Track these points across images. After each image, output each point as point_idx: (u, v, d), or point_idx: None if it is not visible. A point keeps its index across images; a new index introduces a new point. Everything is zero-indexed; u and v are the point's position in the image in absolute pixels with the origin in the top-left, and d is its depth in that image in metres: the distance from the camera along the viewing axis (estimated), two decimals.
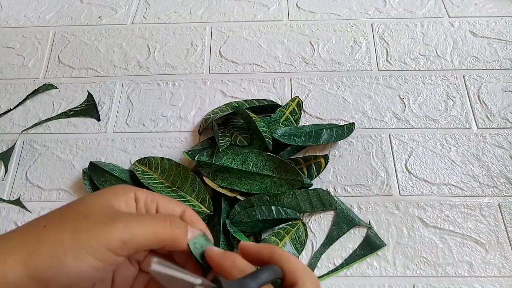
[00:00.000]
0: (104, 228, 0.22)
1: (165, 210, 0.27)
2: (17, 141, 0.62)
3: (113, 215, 0.23)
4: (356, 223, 0.53)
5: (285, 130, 0.58)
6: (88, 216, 0.23)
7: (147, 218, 0.24)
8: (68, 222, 0.23)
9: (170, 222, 0.24)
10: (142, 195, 0.26)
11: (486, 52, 0.67)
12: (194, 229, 0.26)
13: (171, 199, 0.28)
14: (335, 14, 0.73)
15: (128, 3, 0.77)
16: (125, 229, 0.22)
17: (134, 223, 0.23)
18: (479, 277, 0.50)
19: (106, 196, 0.25)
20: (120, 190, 0.26)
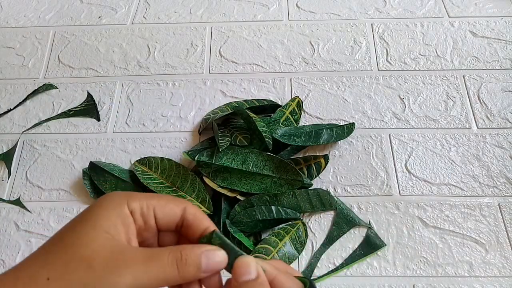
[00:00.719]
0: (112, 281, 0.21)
1: (164, 216, 0.26)
2: (18, 141, 0.62)
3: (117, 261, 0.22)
4: (356, 223, 0.53)
5: (285, 130, 0.58)
6: (92, 264, 0.22)
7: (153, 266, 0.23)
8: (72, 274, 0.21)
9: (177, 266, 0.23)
10: (136, 205, 0.25)
11: (486, 52, 0.67)
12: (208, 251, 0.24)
13: (168, 199, 0.26)
14: (335, 14, 0.73)
15: (128, 3, 0.77)
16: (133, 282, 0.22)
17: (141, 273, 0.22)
18: (479, 277, 0.50)
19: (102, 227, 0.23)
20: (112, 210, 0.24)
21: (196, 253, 0.24)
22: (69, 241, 0.23)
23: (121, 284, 0.21)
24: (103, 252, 0.22)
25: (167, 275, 0.23)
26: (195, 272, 0.23)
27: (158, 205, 0.25)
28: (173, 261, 0.23)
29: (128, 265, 0.22)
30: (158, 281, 0.23)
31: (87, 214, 0.24)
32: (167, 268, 0.23)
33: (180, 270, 0.23)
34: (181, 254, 0.23)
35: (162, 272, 0.23)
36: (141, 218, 0.25)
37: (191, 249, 0.24)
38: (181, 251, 0.24)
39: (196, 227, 0.26)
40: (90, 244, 0.22)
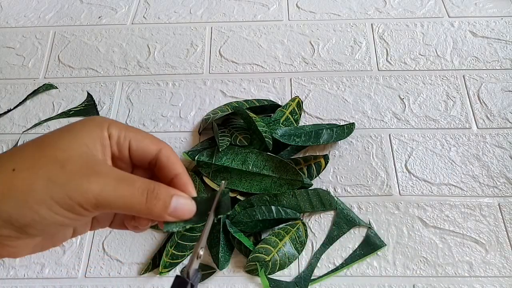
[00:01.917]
0: (79, 186, 0.21)
1: (138, 150, 0.25)
2: (18, 141, 0.62)
3: (90, 170, 0.22)
4: (356, 223, 0.53)
5: (285, 130, 0.58)
6: (65, 166, 0.21)
7: (123, 186, 0.22)
8: (41, 169, 0.21)
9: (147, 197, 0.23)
10: (115, 131, 0.24)
11: (486, 52, 0.67)
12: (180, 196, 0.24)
13: (146, 135, 0.26)
14: (335, 14, 0.73)
15: (128, 3, 0.77)
16: (99, 193, 0.21)
17: (110, 189, 0.21)
18: (479, 277, 0.50)
19: (82, 139, 0.23)
20: (94, 127, 0.24)
21: (169, 192, 0.24)
22: (45, 142, 0.22)
23: (87, 190, 0.21)
24: (78, 159, 0.22)
25: (134, 200, 0.22)
26: (161, 209, 0.23)
27: (134, 138, 0.25)
28: (144, 190, 0.23)
29: (100, 176, 0.22)
30: (124, 203, 0.22)
31: (69, 126, 0.24)
32: (136, 193, 0.22)
33: (149, 201, 0.23)
34: (154, 186, 0.23)
35: (130, 195, 0.22)
36: (116, 145, 0.25)
37: (165, 187, 0.24)
38: (155, 184, 0.23)
39: (168, 171, 0.26)
40: (67, 149, 0.22)
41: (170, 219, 0.24)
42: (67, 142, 0.22)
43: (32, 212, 0.20)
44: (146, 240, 0.54)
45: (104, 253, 0.53)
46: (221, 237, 0.51)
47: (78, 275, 0.52)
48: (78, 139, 0.23)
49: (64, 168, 0.21)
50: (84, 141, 0.23)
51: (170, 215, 0.23)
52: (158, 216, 0.23)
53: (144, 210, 0.23)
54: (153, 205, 0.23)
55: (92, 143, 0.23)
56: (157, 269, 0.51)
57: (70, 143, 0.22)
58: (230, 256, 0.52)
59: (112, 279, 0.51)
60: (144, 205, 0.22)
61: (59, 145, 0.22)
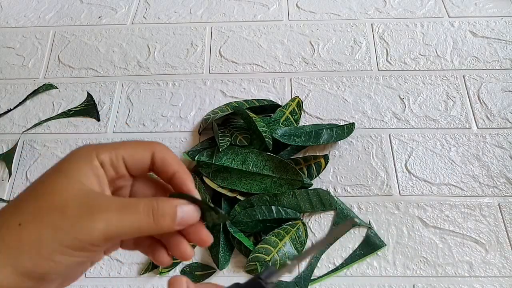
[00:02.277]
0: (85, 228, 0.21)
1: (134, 163, 0.25)
2: (18, 141, 0.62)
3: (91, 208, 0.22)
4: (356, 223, 0.53)
5: (285, 130, 0.58)
6: (65, 211, 0.22)
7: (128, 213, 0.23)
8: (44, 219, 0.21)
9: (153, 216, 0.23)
10: (105, 156, 0.24)
11: (486, 52, 0.67)
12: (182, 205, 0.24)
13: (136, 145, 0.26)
14: (335, 14, 0.73)
15: (128, 3, 0.77)
16: (107, 227, 0.22)
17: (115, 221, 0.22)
18: (479, 277, 0.50)
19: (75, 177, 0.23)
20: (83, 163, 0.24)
21: (171, 204, 0.24)
22: (41, 190, 0.23)
23: (94, 229, 0.21)
24: (77, 199, 0.22)
25: (141, 223, 0.23)
26: (170, 222, 0.23)
27: (126, 153, 0.25)
28: (149, 210, 0.23)
29: (102, 211, 0.22)
30: (132, 229, 0.22)
31: (58, 166, 0.24)
32: (142, 216, 0.23)
33: (155, 219, 0.23)
34: (157, 203, 0.23)
35: (137, 219, 0.23)
36: (111, 168, 0.25)
37: (167, 200, 0.24)
38: (156, 201, 0.24)
39: (165, 172, 0.26)
40: (63, 192, 0.22)
41: (179, 228, 0.24)
42: (61, 185, 0.23)
43: (47, 260, 0.21)
44: None
45: None
46: (221, 237, 0.51)
47: None
48: (70, 178, 0.23)
49: (65, 213, 0.21)
50: (77, 178, 0.23)
51: (179, 225, 0.24)
52: (168, 230, 0.24)
53: (154, 229, 0.23)
54: (162, 222, 0.23)
55: (86, 178, 0.23)
56: (157, 269, 0.51)
57: (63, 185, 0.23)
58: (230, 256, 0.52)
59: (112, 279, 0.51)
60: (153, 225, 0.23)
61: (55, 190, 0.22)
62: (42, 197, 0.22)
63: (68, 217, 0.21)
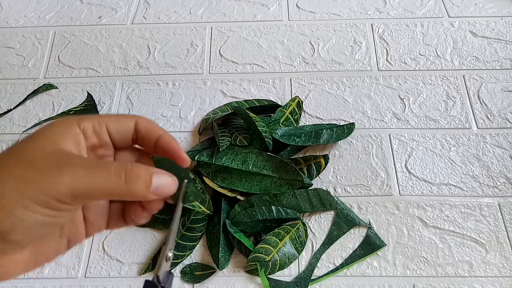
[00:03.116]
0: (50, 179, 0.20)
1: (118, 131, 0.25)
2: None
3: (59, 163, 0.21)
4: (356, 223, 0.53)
5: (285, 130, 0.58)
6: (32, 164, 0.20)
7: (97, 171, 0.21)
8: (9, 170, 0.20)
9: (125, 178, 0.22)
10: (87, 123, 0.23)
11: (486, 52, 0.67)
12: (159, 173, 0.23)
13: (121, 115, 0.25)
14: (335, 14, 0.73)
15: (128, 3, 0.77)
16: (73, 182, 0.20)
17: (83, 177, 0.20)
18: (479, 277, 0.50)
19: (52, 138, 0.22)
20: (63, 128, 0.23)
21: (147, 170, 0.23)
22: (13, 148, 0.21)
23: (60, 182, 0.20)
24: (47, 155, 0.21)
25: (111, 182, 0.21)
26: (144, 188, 0.22)
27: (110, 121, 0.24)
28: (121, 171, 0.22)
29: (71, 166, 0.21)
30: (101, 187, 0.21)
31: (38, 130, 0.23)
32: (112, 175, 0.21)
33: (128, 181, 0.21)
34: (131, 167, 0.22)
35: (106, 178, 0.21)
36: (94, 135, 0.24)
37: (144, 167, 0.23)
38: (131, 165, 0.22)
39: (149, 138, 0.25)
40: (34, 149, 0.21)
41: (154, 197, 0.23)
42: (34, 143, 0.22)
43: (9, 215, 0.19)
44: (146, 240, 0.54)
45: (104, 253, 0.53)
46: (221, 237, 0.51)
47: (78, 275, 0.52)
48: (47, 139, 0.22)
49: (32, 165, 0.20)
50: (52, 139, 0.22)
51: (154, 193, 0.22)
52: (141, 196, 0.22)
53: (125, 191, 0.22)
54: (134, 185, 0.22)
55: (63, 140, 0.22)
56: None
57: (37, 143, 0.22)
58: (230, 256, 0.52)
59: (112, 279, 0.51)
60: (124, 186, 0.21)
61: (26, 146, 0.21)
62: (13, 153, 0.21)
63: (34, 169, 0.20)
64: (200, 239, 0.53)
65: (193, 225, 0.52)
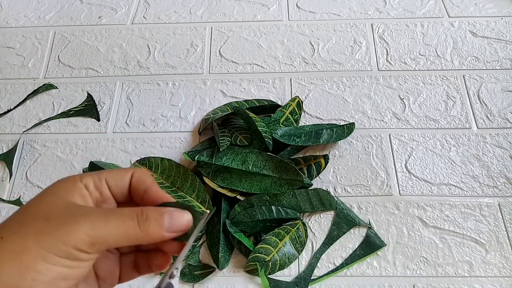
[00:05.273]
0: (69, 229, 0.21)
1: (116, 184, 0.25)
2: (18, 141, 0.62)
3: (75, 214, 0.22)
4: (356, 223, 0.53)
5: (285, 130, 0.58)
6: (50, 218, 0.21)
7: (112, 218, 0.22)
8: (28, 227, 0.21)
9: (138, 220, 0.23)
10: (88, 179, 0.24)
11: (486, 52, 0.67)
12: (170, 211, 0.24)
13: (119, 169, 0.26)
14: (335, 14, 0.73)
15: (128, 3, 0.77)
16: (92, 229, 0.21)
17: (100, 224, 0.21)
18: (479, 277, 0.50)
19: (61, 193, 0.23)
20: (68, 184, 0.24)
21: (157, 210, 0.24)
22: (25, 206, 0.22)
23: (78, 230, 0.21)
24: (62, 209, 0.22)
25: (127, 227, 0.22)
26: (157, 228, 0.23)
27: (108, 175, 0.25)
28: (133, 215, 0.23)
29: (87, 215, 0.21)
30: (118, 233, 0.22)
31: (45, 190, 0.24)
32: (127, 220, 0.22)
33: (141, 223, 0.22)
34: (141, 210, 0.23)
35: (122, 223, 0.22)
36: (95, 190, 0.25)
37: (153, 208, 0.24)
38: (142, 208, 0.23)
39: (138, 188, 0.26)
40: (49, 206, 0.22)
41: (170, 236, 0.24)
42: (47, 199, 0.22)
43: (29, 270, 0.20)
44: None
45: None
46: (221, 237, 0.51)
47: None
48: (57, 195, 0.23)
49: (49, 219, 0.21)
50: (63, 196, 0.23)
51: (169, 231, 0.23)
52: (157, 237, 0.23)
53: (141, 235, 0.23)
54: (147, 227, 0.23)
55: (71, 196, 0.23)
56: None
57: (49, 199, 0.23)
58: (230, 256, 0.52)
59: None
60: (139, 230, 0.22)
61: (40, 202, 0.22)
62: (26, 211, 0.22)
63: (51, 222, 0.21)
64: (200, 239, 0.53)
65: None
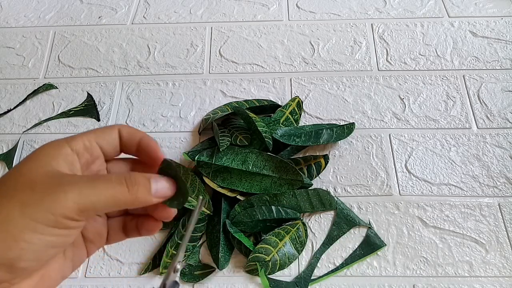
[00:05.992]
0: (56, 198, 0.20)
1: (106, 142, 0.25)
2: (18, 141, 0.62)
3: (61, 181, 0.21)
4: (356, 223, 0.53)
5: (285, 130, 0.58)
6: (34, 187, 0.20)
7: (100, 183, 0.22)
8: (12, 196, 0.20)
9: (127, 185, 0.22)
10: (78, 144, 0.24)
11: (486, 52, 0.67)
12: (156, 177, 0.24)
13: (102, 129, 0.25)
14: (335, 14, 0.73)
15: (128, 3, 0.77)
16: (79, 196, 0.21)
17: (88, 190, 0.21)
18: (479, 277, 0.50)
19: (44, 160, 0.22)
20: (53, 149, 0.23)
21: (144, 176, 0.24)
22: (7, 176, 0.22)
23: (66, 199, 0.20)
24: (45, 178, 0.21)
25: (115, 191, 0.22)
26: (145, 193, 0.23)
27: (96, 136, 0.25)
28: (121, 180, 0.22)
29: (73, 183, 0.21)
30: (106, 197, 0.22)
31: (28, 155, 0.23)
32: (115, 185, 0.22)
33: (130, 188, 0.22)
34: (129, 174, 0.23)
35: (111, 188, 0.22)
36: (86, 152, 0.24)
37: (140, 173, 0.24)
38: (129, 173, 0.23)
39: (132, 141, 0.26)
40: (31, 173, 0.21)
41: (157, 200, 0.24)
42: (29, 167, 0.22)
43: (18, 240, 0.19)
44: (146, 240, 0.54)
45: (104, 253, 0.53)
46: (221, 237, 0.51)
47: (78, 275, 0.52)
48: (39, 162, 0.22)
49: (34, 189, 0.20)
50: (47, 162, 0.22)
51: (155, 196, 0.24)
52: (145, 201, 0.23)
53: (129, 199, 0.22)
54: (135, 191, 0.23)
55: (55, 162, 0.22)
56: (157, 269, 0.51)
57: (31, 167, 0.22)
58: (230, 256, 0.52)
59: (112, 279, 0.51)
60: (128, 194, 0.22)
61: (21, 171, 0.21)
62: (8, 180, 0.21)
63: (37, 192, 0.20)
64: (200, 239, 0.53)
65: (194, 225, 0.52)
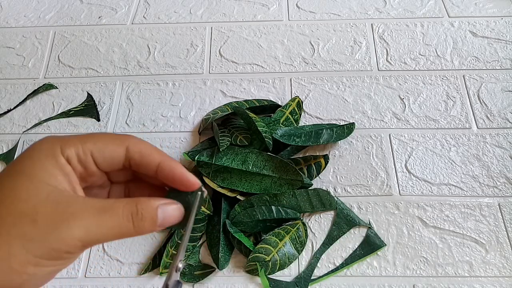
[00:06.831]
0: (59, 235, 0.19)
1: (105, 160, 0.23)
2: (18, 141, 0.62)
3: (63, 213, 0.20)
4: (356, 223, 0.53)
5: (285, 130, 0.58)
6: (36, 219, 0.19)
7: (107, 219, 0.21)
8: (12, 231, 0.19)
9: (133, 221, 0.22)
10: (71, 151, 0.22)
11: (486, 52, 0.67)
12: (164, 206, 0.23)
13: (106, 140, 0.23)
14: (335, 14, 0.73)
15: (128, 3, 0.77)
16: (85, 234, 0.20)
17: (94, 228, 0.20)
18: (479, 277, 0.50)
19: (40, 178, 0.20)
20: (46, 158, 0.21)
21: (152, 206, 0.23)
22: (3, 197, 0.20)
23: (71, 237, 0.20)
24: (48, 205, 0.20)
25: (121, 229, 0.21)
26: (150, 226, 0.23)
27: (95, 149, 0.23)
28: (128, 215, 0.22)
29: (78, 217, 0.20)
30: (112, 235, 0.21)
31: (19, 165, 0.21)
32: (122, 222, 0.21)
33: (136, 224, 0.22)
34: (136, 208, 0.22)
35: (117, 225, 0.21)
36: (79, 165, 0.22)
37: (147, 202, 0.23)
38: (136, 205, 0.22)
39: (147, 165, 0.24)
40: (30, 198, 0.20)
41: (160, 229, 0.24)
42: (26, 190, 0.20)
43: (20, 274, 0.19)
44: (146, 240, 0.54)
45: (104, 253, 0.53)
46: (221, 237, 0.51)
47: (78, 275, 0.52)
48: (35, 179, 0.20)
49: (36, 222, 0.19)
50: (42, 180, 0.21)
51: (160, 226, 0.23)
52: (149, 232, 0.23)
53: (135, 234, 0.22)
54: (141, 227, 0.22)
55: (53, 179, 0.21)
56: (157, 269, 0.51)
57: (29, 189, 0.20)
58: (230, 256, 0.52)
59: (112, 279, 0.51)
60: (133, 230, 0.22)
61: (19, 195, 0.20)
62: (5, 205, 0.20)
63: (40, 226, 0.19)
64: (200, 239, 0.53)
65: (193, 225, 0.52)
